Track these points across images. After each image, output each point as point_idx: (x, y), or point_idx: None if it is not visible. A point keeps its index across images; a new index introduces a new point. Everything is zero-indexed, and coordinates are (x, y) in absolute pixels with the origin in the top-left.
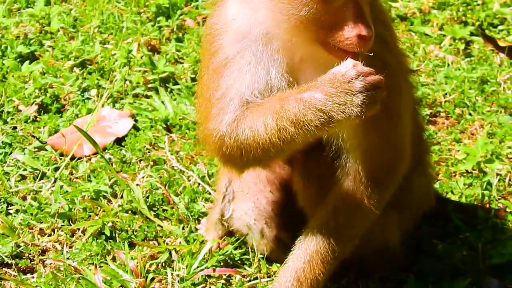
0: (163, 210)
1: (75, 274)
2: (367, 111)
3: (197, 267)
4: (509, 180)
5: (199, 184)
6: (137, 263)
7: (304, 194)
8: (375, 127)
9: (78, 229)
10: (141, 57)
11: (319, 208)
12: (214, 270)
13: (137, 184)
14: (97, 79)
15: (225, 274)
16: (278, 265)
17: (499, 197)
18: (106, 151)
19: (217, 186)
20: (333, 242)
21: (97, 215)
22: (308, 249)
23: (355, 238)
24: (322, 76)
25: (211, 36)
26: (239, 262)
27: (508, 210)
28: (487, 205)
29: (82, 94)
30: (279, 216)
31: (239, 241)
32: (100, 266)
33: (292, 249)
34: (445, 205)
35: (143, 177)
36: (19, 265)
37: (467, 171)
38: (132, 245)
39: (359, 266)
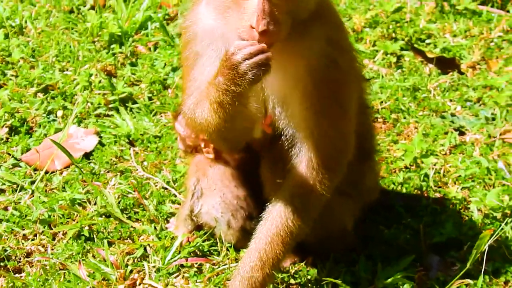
0: (135, 213)
1: (61, 270)
2: (259, 79)
3: (171, 258)
4: (444, 172)
5: (165, 188)
6: (117, 257)
7: (270, 183)
8: (325, 117)
9: (59, 233)
10: (99, 81)
11: (276, 194)
12: (186, 260)
13: (108, 191)
14: (63, 101)
15: (196, 263)
16: (245, 250)
17: (435, 187)
18: (76, 165)
19: (186, 185)
20: (291, 224)
21: (74, 220)
22: (269, 232)
23: (310, 220)
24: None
25: (184, 36)
26: (208, 252)
27: (445, 197)
28: (425, 194)
29: (48, 117)
30: (243, 208)
31: (207, 234)
32: (84, 261)
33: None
34: (387, 197)
35: (113, 185)
36: (8, 266)
37: (405, 167)
38: (109, 244)
39: (316, 249)
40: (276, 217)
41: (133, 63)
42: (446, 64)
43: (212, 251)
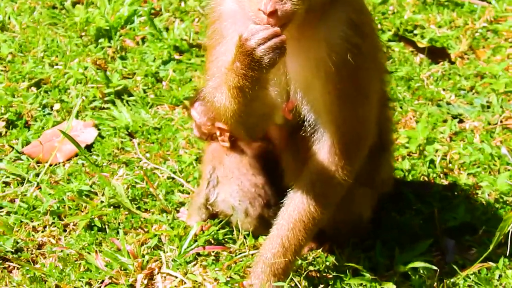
0: (144, 203)
1: (76, 261)
2: (275, 63)
3: (187, 247)
4: (449, 159)
5: (172, 178)
6: (133, 247)
7: (291, 170)
8: (347, 102)
9: (69, 224)
10: (93, 75)
11: (297, 181)
12: (204, 248)
13: (116, 182)
14: (57, 94)
15: (213, 252)
16: (264, 236)
17: (441, 173)
18: (78, 157)
19: (200, 173)
20: (313, 210)
21: (82, 211)
22: (291, 218)
23: (332, 206)
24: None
25: (209, 15)
26: (223, 241)
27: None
28: (432, 181)
29: (43, 110)
30: (261, 196)
31: (222, 222)
32: (100, 251)
33: (275, 220)
34: (396, 184)
35: (121, 176)
36: (22, 257)
37: (409, 154)
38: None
39: (333, 236)
40: (298, 203)
41: (123, 57)
42: (437, 53)
43: (227, 239)
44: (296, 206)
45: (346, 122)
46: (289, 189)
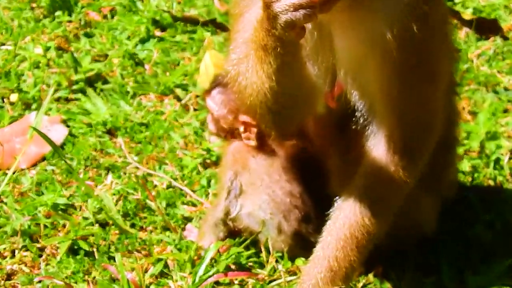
0: (140, 219)
1: None
2: (293, 25)
3: (203, 274)
4: None
5: (172, 187)
6: (136, 274)
7: (339, 174)
8: (410, 87)
9: (44, 248)
10: (57, 56)
11: (348, 186)
12: (226, 275)
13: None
14: (7, 82)
15: (236, 279)
16: (303, 259)
17: (510, 176)
18: (47, 161)
19: (220, 181)
20: (368, 223)
21: (59, 230)
22: (341, 233)
23: (390, 215)
24: None
25: None
26: (247, 265)
27: None
28: (499, 185)
29: None
30: (298, 207)
31: (247, 242)
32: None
33: (319, 237)
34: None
35: (107, 185)
36: None
37: (467, 151)
38: (112, 259)
39: (390, 255)
40: (350, 214)
41: (88, 33)
42: (486, 27)
43: (251, 263)
44: (347, 217)
45: (408, 111)
46: (336, 198)
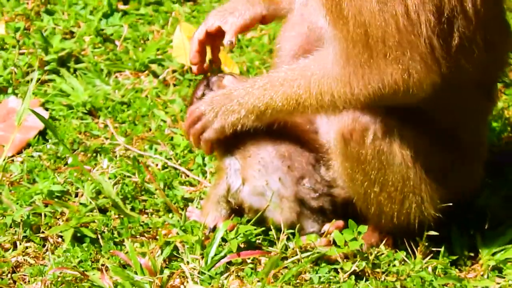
0: (140, 202)
1: (75, 283)
2: None
3: (215, 255)
4: None
5: (167, 167)
6: (149, 259)
7: None
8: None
9: (47, 238)
10: (25, 36)
11: None
12: (238, 255)
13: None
14: None
15: (248, 258)
16: (314, 235)
17: None
18: (33, 147)
19: (220, 161)
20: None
21: (58, 218)
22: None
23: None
24: None
25: None
26: (257, 243)
27: None
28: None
29: None
30: (291, 168)
31: (255, 218)
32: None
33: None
34: None
35: (105, 169)
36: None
37: None
38: (118, 244)
39: (393, 227)
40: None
41: (49, 10)
42: None
43: (261, 241)
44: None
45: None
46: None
